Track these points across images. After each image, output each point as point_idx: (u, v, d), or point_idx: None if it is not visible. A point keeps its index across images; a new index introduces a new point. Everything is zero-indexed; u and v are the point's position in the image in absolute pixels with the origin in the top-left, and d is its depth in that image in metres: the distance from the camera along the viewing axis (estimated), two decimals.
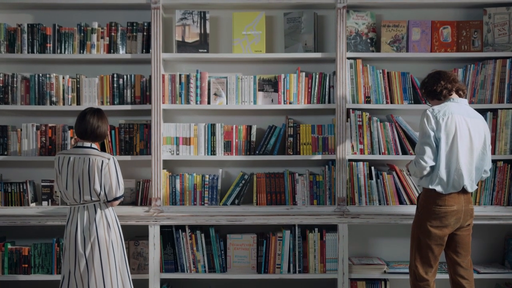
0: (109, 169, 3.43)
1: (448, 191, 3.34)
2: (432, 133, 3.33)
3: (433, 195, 3.36)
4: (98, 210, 3.45)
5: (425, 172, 3.37)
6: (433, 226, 3.35)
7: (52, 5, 4.19)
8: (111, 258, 3.45)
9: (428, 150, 3.33)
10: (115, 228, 3.52)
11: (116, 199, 3.47)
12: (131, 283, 3.59)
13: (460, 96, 3.48)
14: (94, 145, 3.51)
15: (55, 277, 3.99)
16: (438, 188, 3.34)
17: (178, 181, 4.11)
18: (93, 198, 3.42)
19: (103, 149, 4.11)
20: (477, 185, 3.50)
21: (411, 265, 3.47)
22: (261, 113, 4.25)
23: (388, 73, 4.11)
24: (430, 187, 3.36)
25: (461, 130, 3.33)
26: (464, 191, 3.37)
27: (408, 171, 3.61)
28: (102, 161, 3.42)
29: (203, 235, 4.04)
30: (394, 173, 4.08)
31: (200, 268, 4.05)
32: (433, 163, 3.34)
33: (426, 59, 4.18)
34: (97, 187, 3.40)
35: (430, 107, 3.41)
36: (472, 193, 3.47)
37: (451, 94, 3.45)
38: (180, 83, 4.11)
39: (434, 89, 3.45)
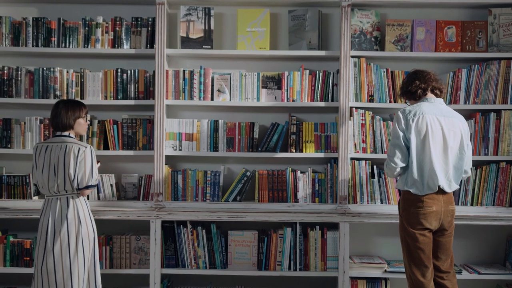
0: (84, 157, 3.44)
1: (424, 192, 3.30)
2: (401, 134, 3.31)
3: (411, 197, 3.34)
4: (71, 204, 3.45)
5: (395, 173, 3.36)
6: (416, 228, 3.31)
7: None
8: (80, 253, 3.44)
9: (397, 152, 3.31)
10: (87, 223, 3.50)
11: (87, 187, 3.46)
12: (97, 278, 3.54)
13: (436, 95, 3.44)
14: (72, 135, 3.53)
15: None
16: (413, 190, 3.31)
17: (180, 177, 4.12)
18: (66, 186, 3.42)
19: (106, 143, 4.12)
20: (459, 185, 3.44)
21: (407, 271, 3.43)
22: (264, 110, 4.25)
23: (392, 72, 4.11)
24: (405, 188, 3.34)
25: (434, 130, 3.29)
26: (442, 191, 3.33)
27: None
28: (79, 148, 3.45)
29: (204, 231, 4.05)
30: None
31: (201, 264, 4.06)
32: (403, 164, 3.32)
33: (430, 59, 4.18)
34: (71, 173, 3.41)
35: (402, 108, 3.39)
36: (455, 192, 3.42)
37: (426, 94, 3.42)
38: (184, 79, 4.12)
39: (409, 89, 3.44)
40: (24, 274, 4.15)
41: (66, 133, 3.52)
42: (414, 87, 3.41)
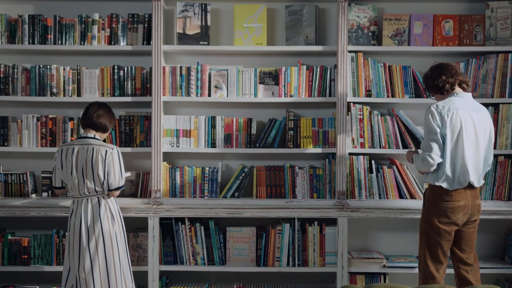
0: (112, 159, 3.45)
1: (454, 187, 3.30)
2: (438, 130, 3.28)
3: (440, 191, 3.33)
4: (102, 202, 3.46)
5: (432, 169, 3.33)
6: (441, 222, 3.31)
7: None
8: (115, 250, 3.46)
9: (435, 147, 3.29)
10: (118, 220, 3.54)
11: (117, 188, 3.49)
12: (131, 275, 3.60)
13: (463, 89, 3.42)
14: (97, 136, 3.53)
15: (55, 268, 4.00)
16: (444, 185, 3.30)
17: (178, 174, 4.11)
18: (96, 188, 3.43)
19: (103, 140, 4.10)
20: (484, 179, 3.46)
21: (421, 263, 3.43)
22: (261, 106, 4.24)
23: (389, 66, 4.10)
24: (436, 184, 3.32)
25: (467, 126, 3.29)
26: (471, 186, 3.33)
27: (412, 161, 3.56)
28: (106, 150, 3.45)
29: (202, 227, 4.04)
30: (394, 167, 4.07)
31: (199, 261, 4.05)
32: (440, 160, 3.29)
33: (427, 53, 4.17)
34: (101, 175, 3.42)
35: (434, 103, 3.36)
36: (480, 188, 3.44)
37: (454, 88, 3.40)
38: (181, 75, 4.10)
39: (435, 84, 3.41)
40: (21, 273, 4.15)
41: (91, 134, 3.52)
42: (441, 81, 3.38)
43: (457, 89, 3.40)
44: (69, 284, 3.47)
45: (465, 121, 3.29)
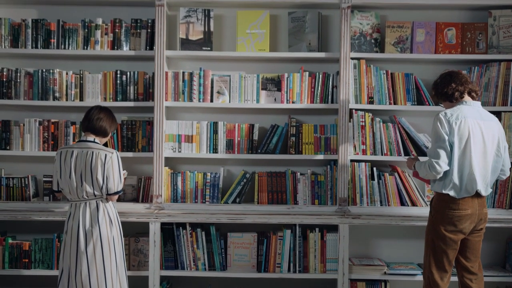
0: (112, 163, 3.44)
1: (461, 196, 3.29)
2: (446, 137, 3.27)
3: (446, 199, 3.32)
4: (101, 207, 3.45)
5: (438, 177, 3.32)
6: (448, 230, 3.30)
7: (56, 0, 4.21)
8: (113, 255, 3.45)
9: (443, 155, 3.27)
10: (117, 225, 3.52)
11: (116, 193, 3.48)
12: (127, 280, 3.59)
13: (473, 97, 3.41)
14: (97, 140, 3.52)
15: (56, 272, 3.98)
16: (452, 193, 3.29)
17: (179, 179, 4.11)
18: (95, 192, 3.42)
19: (105, 145, 4.09)
20: (491, 188, 3.46)
21: (426, 271, 3.42)
22: (263, 112, 4.24)
23: (391, 74, 4.10)
24: (444, 191, 3.31)
25: (475, 134, 3.28)
26: (478, 195, 3.32)
27: (414, 168, 3.56)
28: (106, 154, 3.44)
29: (203, 233, 4.04)
30: (396, 174, 4.07)
31: (200, 266, 4.05)
32: (448, 168, 3.28)
33: (430, 61, 4.17)
34: (100, 179, 3.41)
35: (442, 111, 3.35)
36: (487, 196, 3.43)
37: (463, 97, 3.39)
38: (183, 80, 4.11)
39: (445, 91, 3.40)
40: (22, 276, 4.15)
41: (91, 138, 3.51)
42: (451, 89, 3.38)
43: (466, 98, 3.40)
44: (61, 286, 3.46)
45: (473, 130, 3.28)
